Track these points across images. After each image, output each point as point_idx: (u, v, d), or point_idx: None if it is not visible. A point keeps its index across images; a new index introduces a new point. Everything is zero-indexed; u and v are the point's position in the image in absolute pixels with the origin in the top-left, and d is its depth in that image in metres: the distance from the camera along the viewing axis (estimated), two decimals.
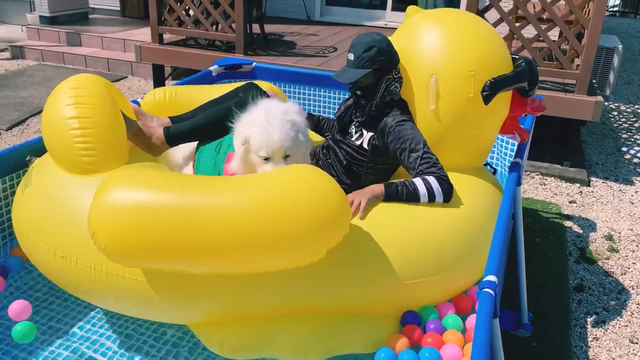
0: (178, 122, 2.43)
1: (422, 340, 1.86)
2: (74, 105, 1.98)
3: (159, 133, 2.28)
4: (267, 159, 1.94)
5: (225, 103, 2.36)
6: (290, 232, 1.63)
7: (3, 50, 6.93)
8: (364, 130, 2.27)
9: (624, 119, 5.55)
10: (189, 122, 2.33)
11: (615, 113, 5.72)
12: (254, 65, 3.64)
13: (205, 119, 2.32)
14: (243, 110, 2.10)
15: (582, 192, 3.95)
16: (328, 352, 1.86)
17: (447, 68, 2.15)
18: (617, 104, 5.99)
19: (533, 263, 3.02)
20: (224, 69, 3.57)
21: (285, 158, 1.96)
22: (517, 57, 2.31)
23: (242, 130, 1.98)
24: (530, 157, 4.27)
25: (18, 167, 2.29)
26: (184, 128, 2.31)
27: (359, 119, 2.28)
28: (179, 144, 2.35)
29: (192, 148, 2.40)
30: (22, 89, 5.53)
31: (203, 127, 2.31)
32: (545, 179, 4.12)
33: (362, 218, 1.94)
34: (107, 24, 7.33)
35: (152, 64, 5.43)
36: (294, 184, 1.70)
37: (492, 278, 1.59)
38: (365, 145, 2.24)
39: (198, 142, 2.38)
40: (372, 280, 1.88)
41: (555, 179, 4.11)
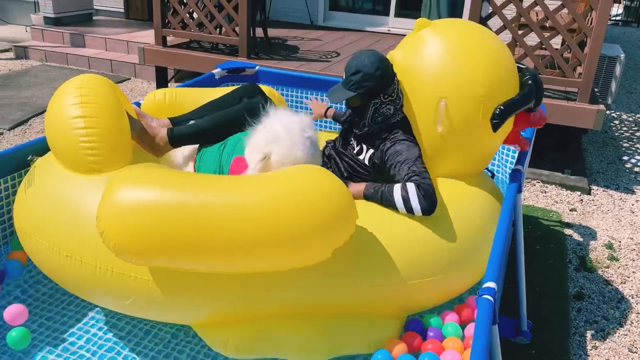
0: (177, 123, 2.44)
1: (422, 347, 1.86)
2: (79, 105, 1.98)
3: (163, 134, 2.29)
4: None
5: (231, 108, 2.37)
6: (298, 230, 1.64)
7: (7, 51, 6.95)
8: (364, 145, 2.26)
9: (626, 128, 5.55)
10: (194, 125, 2.34)
11: (617, 122, 5.73)
12: (257, 69, 3.65)
13: (210, 123, 2.33)
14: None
15: (582, 200, 3.95)
16: (332, 352, 1.86)
17: (456, 92, 2.10)
18: (618, 113, 6.00)
19: (533, 270, 3.02)
20: (227, 72, 3.58)
21: None
22: (522, 66, 2.27)
23: (261, 145, 1.96)
24: (531, 164, 4.27)
25: (20, 167, 2.29)
26: (188, 131, 2.32)
27: (357, 132, 2.28)
28: (182, 146, 2.36)
29: (193, 148, 2.42)
30: (25, 89, 5.54)
31: (207, 130, 2.32)
32: (546, 187, 4.12)
33: None
34: (111, 26, 7.36)
35: (155, 66, 5.45)
36: (301, 183, 1.71)
37: (491, 284, 1.59)
38: (367, 162, 2.24)
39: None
40: (373, 281, 1.89)
41: (556, 187, 4.11)
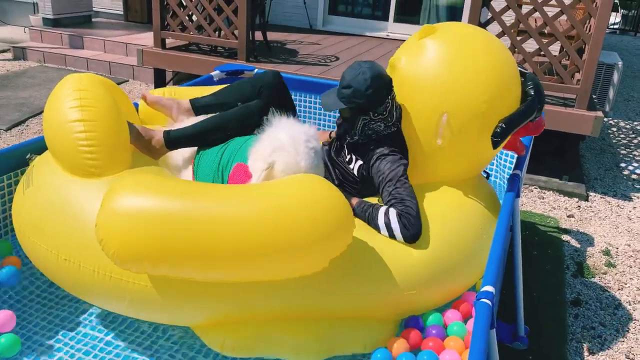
0: (198, 105, 2.48)
1: (422, 344, 1.86)
2: (79, 108, 1.96)
3: (159, 136, 2.28)
4: None
5: (228, 111, 2.36)
6: (296, 240, 1.63)
7: (5, 51, 6.94)
8: (354, 156, 2.24)
9: (623, 135, 5.57)
10: (190, 127, 2.33)
11: (615, 129, 5.74)
12: (256, 72, 3.65)
13: (206, 126, 2.32)
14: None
15: (580, 206, 3.95)
16: (328, 352, 1.86)
17: (458, 107, 2.08)
18: (616, 120, 6.02)
19: (530, 276, 3.01)
20: (226, 75, 3.58)
21: None
22: (525, 71, 2.25)
23: (265, 155, 1.97)
24: (529, 170, 4.28)
25: (18, 165, 2.28)
26: (184, 133, 2.31)
27: (348, 140, 2.26)
28: (179, 148, 2.35)
29: (192, 151, 2.40)
30: (22, 90, 5.53)
31: (203, 133, 2.31)
32: (544, 193, 4.12)
33: None
34: (110, 28, 7.35)
35: (153, 69, 5.45)
36: (300, 193, 1.71)
37: (489, 288, 1.58)
38: (356, 173, 2.23)
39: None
40: (369, 290, 1.88)
41: (554, 193, 4.12)
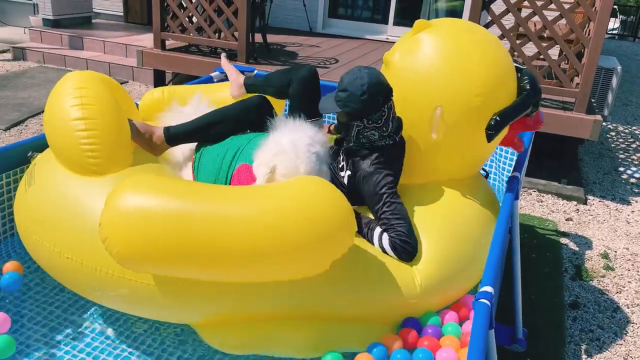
0: (249, 84, 2.65)
1: (418, 343, 1.86)
2: (80, 106, 1.96)
3: (159, 132, 2.29)
4: None
5: (228, 105, 2.38)
6: (298, 241, 1.63)
7: (5, 52, 6.94)
8: (346, 164, 2.21)
9: (622, 140, 5.58)
10: (190, 122, 2.34)
11: (613, 133, 5.75)
12: (255, 74, 3.65)
13: (205, 121, 2.33)
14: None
15: (578, 210, 3.95)
16: (326, 349, 1.85)
17: (452, 101, 2.09)
18: (614, 125, 6.03)
19: (529, 279, 3.01)
20: (226, 76, 3.58)
21: None
22: (521, 67, 2.25)
23: (267, 159, 1.98)
24: (528, 173, 4.28)
25: (20, 163, 2.28)
26: (184, 128, 2.32)
27: (344, 146, 2.24)
28: (179, 144, 2.36)
29: (191, 149, 2.41)
30: (22, 90, 5.53)
31: (203, 128, 2.32)
32: (543, 196, 4.12)
33: None
34: (110, 29, 7.36)
35: (153, 70, 5.45)
36: (302, 195, 1.71)
37: (488, 289, 1.58)
38: (345, 181, 2.22)
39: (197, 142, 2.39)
40: (368, 302, 1.89)
41: (553, 196, 4.12)
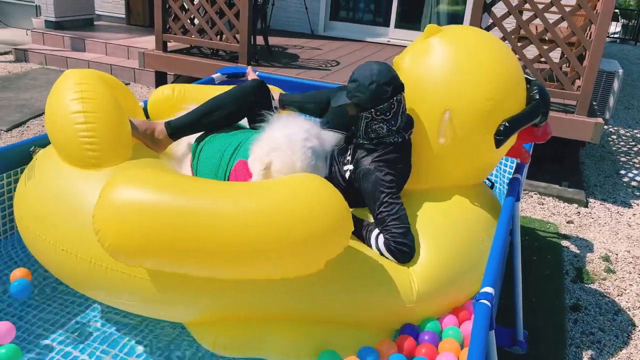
0: (285, 99, 2.63)
1: (415, 351, 1.84)
2: (80, 100, 1.99)
3: (161, 127, 2.29)
4: None
5: (223, 92, 2.38)
6: (292, 239, 1.62)
7: (7, 53, 6.95)
8: (350, 158, 2.20)
9: (623, 143, 5.57)
10: (189, 113, 2.35)
11: (615, 137, 5.75)
12: (256, 75, 3.65)
13: (205, 108, 2.33)
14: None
15: (579, 212, 3.95)
16: (319, 352, 1.84)
17: (461, 106, 2.08)
18: (616, 128, 6.03)
19: (529, 281, 3.00)
20: (227, 77, 3.59)
21: None
22: (531, 78, 2.24)
23: (263, 155, 1.97)
24: (529, 176, 4.27)
25: (20, 163, 2.29)
26: (185, 120, 2.32)
27: (353, 142, 2.23)
28: (182, 137, 2.36)
29: (189, 144, 2.41)
30: (24, 91, 5.54)
31: (203, 115, 2.31)
32: (544, 199, 4.12)
33: None
34: (112, 31, 7.38)
35: (155, 71, 5.46)
36: (298, 192, 1.70)
37: (488, 290, 1.58)
38: (346, 176, 2.20)
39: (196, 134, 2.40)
40: (365, 305, 1.89)
41: (554, 199, 4.11)
